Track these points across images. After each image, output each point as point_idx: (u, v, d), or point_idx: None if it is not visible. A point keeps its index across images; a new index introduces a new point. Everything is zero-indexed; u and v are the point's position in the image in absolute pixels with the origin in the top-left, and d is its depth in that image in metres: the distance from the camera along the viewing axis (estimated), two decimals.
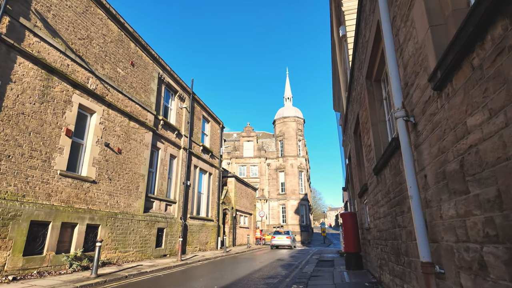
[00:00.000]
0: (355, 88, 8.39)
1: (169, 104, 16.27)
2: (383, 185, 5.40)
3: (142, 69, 13.62)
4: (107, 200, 10.90)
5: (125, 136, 12.09)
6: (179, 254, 12.66)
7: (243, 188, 27.85)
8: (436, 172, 2.75)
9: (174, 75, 16.21)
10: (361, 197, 9.17)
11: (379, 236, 6.25)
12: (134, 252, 12.00)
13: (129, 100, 12.49)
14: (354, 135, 9.79)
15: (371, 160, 6.59)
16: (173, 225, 15.07)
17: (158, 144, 14.62)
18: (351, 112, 10.03)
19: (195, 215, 17.79)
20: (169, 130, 15.66)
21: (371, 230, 7.48)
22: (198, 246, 17.69)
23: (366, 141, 6.98)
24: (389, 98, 5.69)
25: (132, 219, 11.99)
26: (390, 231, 5.08)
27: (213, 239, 19.76)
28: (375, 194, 6.38)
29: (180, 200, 16.05)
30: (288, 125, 48.41)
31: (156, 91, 14.54)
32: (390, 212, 4.95)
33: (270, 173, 47.67)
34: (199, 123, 19.17)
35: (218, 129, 22.55)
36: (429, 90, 2.77)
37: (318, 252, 21.12)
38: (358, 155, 9.61)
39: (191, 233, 16.96)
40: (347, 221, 9.42)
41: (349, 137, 11.44)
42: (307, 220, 46.04)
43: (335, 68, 24.73)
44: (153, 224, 13.35)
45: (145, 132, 13.36)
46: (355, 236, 9.32)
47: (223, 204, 22.33)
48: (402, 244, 4.28)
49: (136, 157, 12.67)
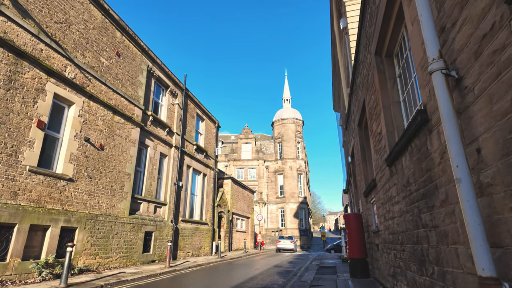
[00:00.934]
0: (361, 73, 7.46)
1: (159, 100, 15.32)
2: (399, 177, 4.44)
3: (129, 60, 12.69)
4: (87, 200, 9.89)
5: (108, 131, 11.12)
6: (168, 260, 11.63)
7: (240, 190, 26.83)
8: (504, 140, 1.80)
9: (165, 69, 15.29)
10: (367, 196, 8.20)
11: (392, 240, 5.27)
12: (117, 257, 10.97)
13: (113, 93, 11.54)
14: (358, 128, 8.84)
15: (381, 151, 5.63)
16: (163, 228, 14.04)
17: (147, 141, 13.65)
18: (355, 103, 9.09)
19: (187, 218, 16.76)
20: (159, 127, 14.69)
21: (380, 233, 6.50)
22: (191, 251, 16.64)
23: (375, 129, 6.02)
24: (404, 74, 4.76)
25: (115, 222, 10.97)
26: (409, 233, 4.11)
27: (208, 243, 18.70)
28: (386, 190, 5.42)
29: (171, 202, 15.04)
30: (287, 127, 47.50)
31: (145, 85, 13.59)
32: (410, 209, 3.98)
33: (268, 176, 46.64)
34: (192, 121, 18.21)
35: (214, 128, 21.60)
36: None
37: (318, 257, 20.09)
38: (363, 149, 8.65)
39: (183, 237, 15.91)
40: (351, 223, 8.43)
41: (353, 132, 10.49)
42: (306, 224, 44.94)
43: (335, 66, 23.91)
44: (140, 227, 12.32)
45: (131, 127, 12.39)
46: (361, 240, 8.32)
47: (219, 207, 21.30)
48: (430, 249, 3.31)
49: (121, 154, 11.68)
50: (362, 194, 9.46)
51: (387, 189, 5.34)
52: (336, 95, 29.36)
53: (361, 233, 8.40)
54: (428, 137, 3.11)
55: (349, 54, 12.42)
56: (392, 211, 5.12)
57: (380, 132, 5.60)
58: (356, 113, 9.05)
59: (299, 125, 48.44)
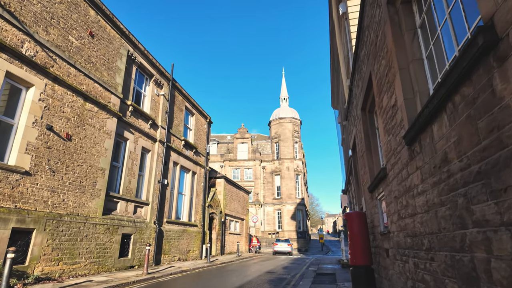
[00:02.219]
0: (366, 42, 6.20)
1: (142, 89, 14.02)
2: (426, 156, 3.17)
3: (106, 43, 11.40)
4: (48, 197, 8.56)
5: (78, 120, 9.80)
6: (146, 266, 10.29)
7: (234, 190, 25.50)
8: None
9: (148, 56, 14.00)
10: (372, 192, 6.92)
11: (411, 244, 3.99)
12: (87, 263, 9.62)
13: (85, 77, 10.23)
14: (362, 113, 7.57)
15: (395, 128, 4.36)
16: (144, 230, 12.69)
17: (126, 134, 12.33)
18: (358, 83, 7.82)
19: (173, 220, 15.41)
20: (141, 118, 13.38)
21: (391, 235, 5.21)
22: (177, 256, 15.28)
23: (386, 103, 4.75)
24: (429, 21, 3.50)
25: (85, 223, 9.63)
26: (444, 235, 2.83)
27: (197, 247, 17.34)
28: (402, 178, 4.14)
29: (154, 201, 13.70)
30: (284, 126, 46.27)
31: (124, 71, 12.29)
32: (447, 200, 2.70)
33: (265, 177, 45.32)
34: (180, 114, 16.90)
35: (205, 124, 20.29)
36: None
37: (316, 261, 18.76)
38: (367, 137, 7.38)
39: (168, 240, 14.56)
40: (354, 224, 7.14)
41: (354, 120, 9.22)
42: (304, 226, 43.59)
43: (334, 59, 22.74)
44: (115, 229, 10.98)
45: (107, 117, 11.08)
46: (365, 243, 7.03)
47: (210, 208, 19.96)
48: (493, 262, 2.02)
49: (93, 147, 10.36)
50: (365, 190, 8.18)
51: (404, 177, 4.07)
52: (335, 91, 28.19)
53: (366, 235, 7.10)
54: (496, 71, 1.84)
55: (349, 41, 11.31)
56: (412, 205, 3.83)
57: (394, 104, 4.32)
58: (359, 96, 7.78)
59: (296, 124, 47.21)
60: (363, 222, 7.19)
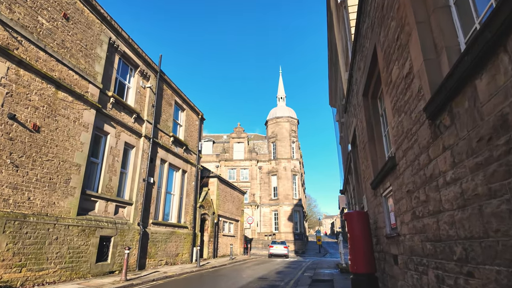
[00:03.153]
0: (369, 9, 5.30)
1: (126, 81, 13.05)
2: (464, 127, 2.24)
3: (83, 27, 10.44)
4: (9, 195, 7.57)
5: (48, 110, 8.83)
6: (124, 271, 9.31)
7: (228, 190, 24.52)
8: None
9: (133, 45, 13.05)
10: (376, 188, 5.99)
11: (432, 251, 3.06)
12: (57, 269, 8.63)
13: (57, 63, 9.27)
14: (363, 100, 6.67)
15: (409, 104, 3.44)
16: (127, 232, 11.71)
17: (107, 127, 11.36)
18: (359, 64, 6.91)
19: (161, 221, 14.43)
20: (124, 111, 12.40)
21: (401, 239, 4.28)
22: (165, 259, 14.29)
23: (397, 74, 3.83)
24: None
25: (55, 224, 8.64)
26: (495, 243, 1.90)
27: (186, 250, 16.35)
28: (421, 166, 3.22)
29: (138, 201, 12.72)
30: (281, 126, 45.35)
31: (105, 60, 11.33)
32: (507, 187, 1.77)
33: (261, 177, 44.34)
34: (169, 109, 15.94)
35: (197, 120, 19.33)
36: None
37: (313, 265, 17.82)
38: (369, 126, 6.46)
39: (154, 243, 13.57)
40: (355, 225, 6.21)
41: (355, 110, 8.29)
42: (301, 227, 42.62)
43: (332, 54, 21.90)
44: (93, 231, 9.99)
45: (83, 108, 10.11)
46: (367, 247, 6.10)
47: (202, 208, 18.98)
48: None
49: (67, 140, 9.38)
50: (367, 187, 7.26)
51: (423, 164, 3.14)
52: (332, 88, 27.35)
53: (368, 238, 6.17)
54: None
55: (348, 29, 10.49)
56: (434, 200, 2.90)
57: (408, 73, 3.41)
58: (360, 80, 6.87)
59: (293, 124, 46.31)
60: (365, 223, 6.26)
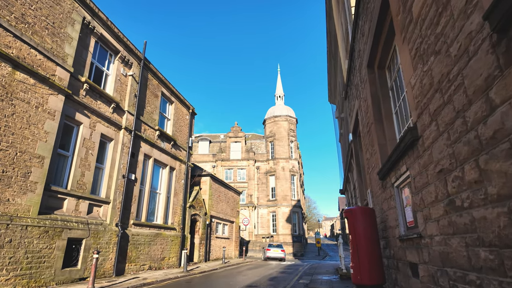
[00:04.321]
0: None
1: (104, 67, 11.86)
2: None
3: (50, 2, 9.25)
4: None
5: (1, 92, 7.63)
6: (92, 278, 8.07)
7: (222, 190, 23.29)
8: None
9: (112, 28, 11.86)
10: (385, 178, 4.80)
11: (495, 264, 1.84)
12: (10, 277, 7.39)
13: (15, 39, 8.08)
14: (369, 71, 5.48)
15: (453, 25, 2.24)
16: (102, 234, 10.48)
17: (79, 116, 10.16)
18: (364, 26, 5.72)
19: (144, 221, 13.19)
20: (101, 100, 11.20)
21: (426, 242, 3.08)
22: (148, 263, 13.04)
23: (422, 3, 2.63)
24: None
25: (8, 224, 7.42)
26: None
27: (174, 253, 15.10)
28: (478, 119, 2.01)
29: (116, 199, 11.49)
30: (280, 125, 44.17)
31: (77, 41, 10.14)
32: None
33: (259, 177, 43.11)
34: (155, 100, 14.74)
35: (187, 114, 18.12)
36: None
37: (311, 269, 16.57)
38: (376, 103, 5.28)
39: (136, 246, 12.33)
40: (359, 224, 5.00)
41: (358, 88, 7.10)
42: (300, 229, 41.35)
43: (332, 44, 20.74)
44: (58, 232, 8.77)
45: (49, 93, 8.91)
46: (374, 252, 4.89)
47: (192, 209, 17.74)
48: None
49: (26, 128, 8.18)
50: (372, 179, 6.07)
51: (479, 119, 1.93)
52: (332, 83, 26.19)
53: (375, 240, 4.97)
54: None
55: (349, 10, 9.38)
56: (501, 175, 1.71)
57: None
58: (364, 50, 5.68)
59: (292, 123, 45.14)
60: (370, 222, 5.06)
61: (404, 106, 4.37)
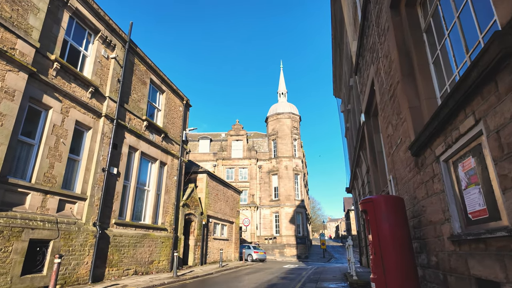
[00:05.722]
0: None
1: (81, 47, 10.55)
2: None
3: None
4: None
5: None
6: (51, 286, 6.72)
7: (220, 188, 21.90)
8: None
9: (91, 4, 10.54)
10: (421, 153, 3.37)
11: None
12: None
13: None
14: (393, 14, 4.04)
15: None
16: (75, 235, 9.13)
17: (48, 100, 8.83)
18: None
19: (128, 221, 11.83)
20: (76, 83, 9.88)
21: None
22: (134, 268, 11.67)
23: None
24: None
25: None
26: None
27: (165, 256, 13.72)
28: None
29: (95, 195, 10.15)
30: (282, 122, 42.72)
31: (46, 13, 8.83)
32: None
33: (261, 176, 41.66)
34: (143, 88, 13.41)
35: (180, 106, 16.77)
36: None
37: (315, 274, 15.11)
38: (403, 53, 3.83)
39: (119, 248, 10.97)
40: (384, 220, 3.57)
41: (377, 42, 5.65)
42: (304, 230, 39.79)
43: (337, 30, 19.27)
44: (17, 233, 7.44)
45: (6, 69, 7.58)
46: (407, 261, 3.44)
47: (186, 208, 16.37)
48: None
49: None
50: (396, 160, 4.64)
51: None
52: (337, 75, 24.71)
53: (407, 244, 3.53)
54: None
55: None
56: None
57: None
58: None
59: (295, 120, 43.66)
60: (400, 216, 3.62)
61: (451, 50, 2.96)
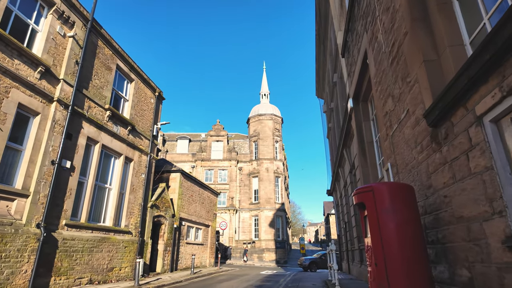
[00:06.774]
0: None
1: (31, 19, 9.12)
2: None
3: None
4: None
5: None
6: None
7: (195, 189, 20.55)
8: None
9: None
10: (444, 121, 2.39)
11: None
12: None
13: None
14: None
15: None
16: (11, 238, 7.65)
17: None
18: None
19: (83, 222, 10.37)
20: (20, 59, 8.44)
21: None
22: (88, 276, 10.20)
23: None
24: None
25: None
26: None
27: (128, 262, 12.27)
28: None
29: (41, 192, 8.69)
30: (264, 124, 41.79)
31: None
32: None
33: (241, 179, 40.45)
34: (107, 74, 12.01)
35: (152, 97, 15.42)
36: None
37: (294, 282, 14.08)
38: None
39: (70, 254, 9.50)
40: (388, 216, 2.52)
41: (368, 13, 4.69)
42: (283, 234, 38.83)
43: (321, 26, 18.55)
44: None
45: None
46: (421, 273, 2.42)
47: (155, 209, 14.97)
48: None
49: None
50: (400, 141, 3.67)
51: None
52: (320, 74, 24.03)
53: (420, 249, 2.52)
54: None
55: None
56: None
57: None
58: None
59: (277, 122, 42.85)
60: (411, 211, 2.61)
61: None
